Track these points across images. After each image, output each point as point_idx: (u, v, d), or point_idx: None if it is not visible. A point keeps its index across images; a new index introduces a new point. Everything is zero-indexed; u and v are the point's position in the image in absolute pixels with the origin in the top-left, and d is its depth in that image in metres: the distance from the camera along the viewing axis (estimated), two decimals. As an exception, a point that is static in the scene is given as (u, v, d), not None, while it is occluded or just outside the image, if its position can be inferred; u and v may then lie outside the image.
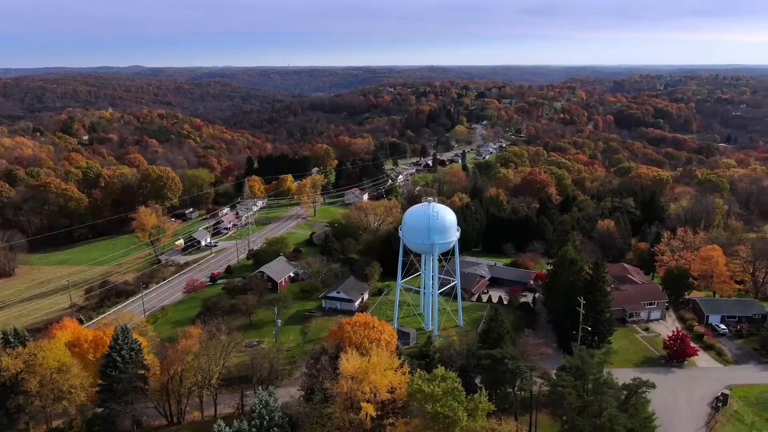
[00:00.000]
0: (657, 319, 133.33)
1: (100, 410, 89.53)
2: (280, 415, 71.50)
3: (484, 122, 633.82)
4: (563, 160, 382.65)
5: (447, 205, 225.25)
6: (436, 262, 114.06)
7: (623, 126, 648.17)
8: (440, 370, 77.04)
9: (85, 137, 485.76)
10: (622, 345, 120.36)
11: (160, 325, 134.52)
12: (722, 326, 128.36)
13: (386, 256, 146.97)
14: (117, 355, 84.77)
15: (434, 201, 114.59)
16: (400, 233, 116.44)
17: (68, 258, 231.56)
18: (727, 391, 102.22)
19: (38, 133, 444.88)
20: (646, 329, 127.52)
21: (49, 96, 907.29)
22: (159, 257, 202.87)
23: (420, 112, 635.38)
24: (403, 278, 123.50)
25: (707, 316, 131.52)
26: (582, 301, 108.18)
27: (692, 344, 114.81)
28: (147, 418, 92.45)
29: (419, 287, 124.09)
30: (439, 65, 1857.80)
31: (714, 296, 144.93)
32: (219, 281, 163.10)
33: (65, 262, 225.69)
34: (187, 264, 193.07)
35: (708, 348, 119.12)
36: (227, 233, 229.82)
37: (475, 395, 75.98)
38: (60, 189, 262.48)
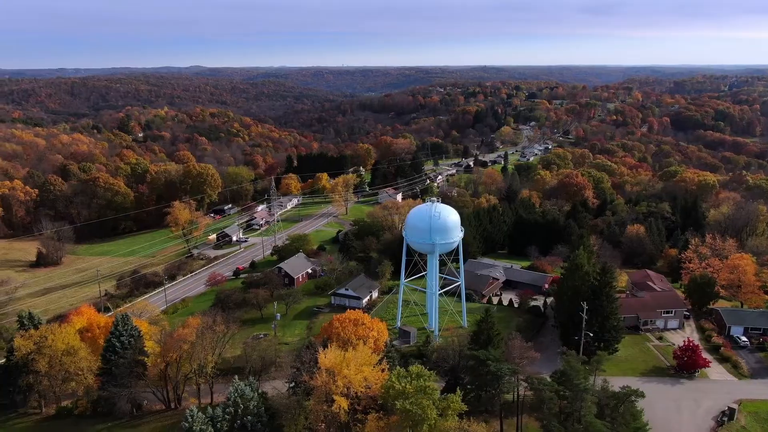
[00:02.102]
0: (674, 329, 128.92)
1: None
2: (256, 405, 73.91)
3: (532, 123, 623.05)
4: (608, 162, 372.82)
5: (475, 206, 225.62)
6: (437, 262, 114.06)
7: (680, 128, 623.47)
8: (416, 367, 77.69)
9: (140, 135, 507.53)
10: (631, 353, 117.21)
11: (179, 315, 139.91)
12: (743, 338, 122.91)
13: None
14: (116, 341, 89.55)
15: (437, 201, 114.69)
16: (404, 233, 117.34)
17: (111, 249, 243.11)
18: (734, 405, 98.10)
19: (95, 130, 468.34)
20: (660, 338, 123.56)
21: (113, 95, 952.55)
22: (192, 251, 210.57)
23: (466, 113, 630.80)
24: (410, 278, 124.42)
25: (729, 327, 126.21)
26: (585, 306, 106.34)
27: (705, 355, 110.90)
28: (147, 402, 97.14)
29: (425, 287, 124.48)
30: (492, 65, 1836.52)
31: (742, 307, 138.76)
32: (242, 275, 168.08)
33: (108, 253, 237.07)
34: (216, 258, 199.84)
35: (723, 360, 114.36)
36: (259, 229, 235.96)
37: (449, 395, 76.40)
38: (108, 184, 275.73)
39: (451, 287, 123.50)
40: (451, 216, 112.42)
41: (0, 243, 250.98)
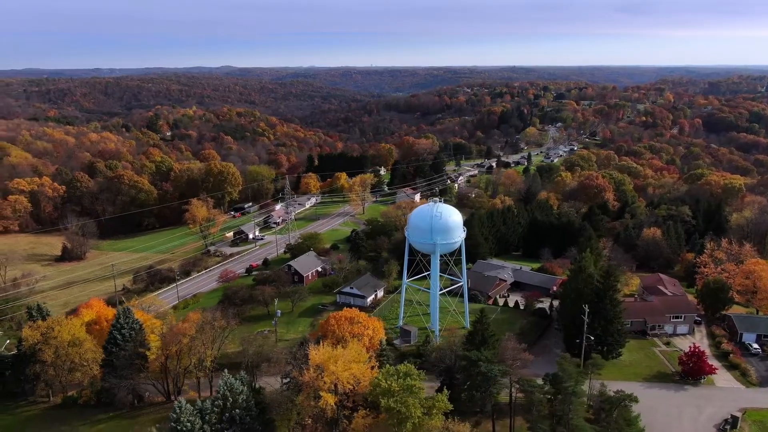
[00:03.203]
0: (684, 334, 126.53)
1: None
2: (245, 398, 75.24)
3: (558, 124, 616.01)
4: (634, 165, 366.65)
5: (489, 208, 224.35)
6: (438, 262, 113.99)
7: (712, 130, 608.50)
8: (404, 366, 78.18)
9: (168, 133, 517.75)
10: (636, 358, 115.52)
11: (189, 310, 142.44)
12: (755, 345, 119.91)
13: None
14: (117, 333, 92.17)
15: (440, 201, 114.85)
16: (406, 233, 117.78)
17: (133, 245, 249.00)
18: (738, 414, 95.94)
19: (124, 129, 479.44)
20: (668, 343, 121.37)
21: (145, 94, 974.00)
22: (209, 248, 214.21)
23: (491, 113, 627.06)
24: (415, 278, 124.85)
25: (741, 334, 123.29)
26: (586, 309, 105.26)
27: (712, 362, 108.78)
28: (149, 394, 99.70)
29: (428, 287, 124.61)
30: (522, 65, 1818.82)
31: (757, 314, 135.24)
32: (254, 273, 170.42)
33: (130, 248, 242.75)
34: (232, 255, 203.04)
35: (732, 367, 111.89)
36: (276, 227, 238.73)
37: (436, 394, 76.76)
38: (132, 181, 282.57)
39: (453, 287, 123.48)
40: (452, 216, 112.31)
41: (28, 237, 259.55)
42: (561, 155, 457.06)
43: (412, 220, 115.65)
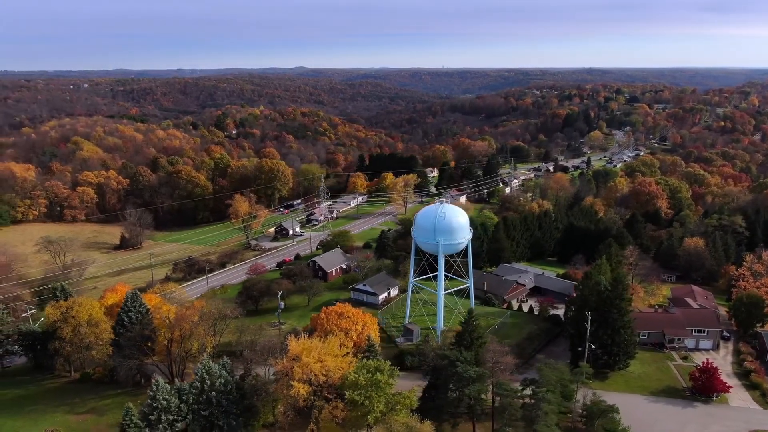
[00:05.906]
0: (707, 349, 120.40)
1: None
2: (222, 382, 78.95)
3: (627, 128, 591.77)
4: (701, 172, 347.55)
5: (525, 212, 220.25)
6: (443, 262, 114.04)
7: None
8: (374, 362, 79.53)
9: (234, 131, 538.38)
10: (646, 371, 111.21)
11: (217, 299, 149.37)
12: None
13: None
14: (125, 316, 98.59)
15: (445, 202, 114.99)
16: (413, 233, 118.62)
17: (185, 237, 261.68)
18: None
19: (191, 127, 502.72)
20: (685, 357, 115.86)
21: (219, 94, 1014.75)
22: (250, 242, 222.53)
23: (556, 116, 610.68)
24: (422, 277, 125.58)
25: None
26: (589, 317, 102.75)
27: (727, 380, 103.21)
28: (156, 375, 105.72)
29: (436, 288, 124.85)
30: (598, 67, 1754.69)
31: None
32: (284, 267, 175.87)
33: (182, 240, 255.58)
34: (270, 249, 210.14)
35: (752, 387, 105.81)
36: (318, 224, 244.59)
37: (402, 391, 77.64)
38: (189, 176, 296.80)
39: (461, 288, 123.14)
40: (457, 217, 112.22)
41: (93, 226, 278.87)
42: (625, 160, 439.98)
43: (418, 220, 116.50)
